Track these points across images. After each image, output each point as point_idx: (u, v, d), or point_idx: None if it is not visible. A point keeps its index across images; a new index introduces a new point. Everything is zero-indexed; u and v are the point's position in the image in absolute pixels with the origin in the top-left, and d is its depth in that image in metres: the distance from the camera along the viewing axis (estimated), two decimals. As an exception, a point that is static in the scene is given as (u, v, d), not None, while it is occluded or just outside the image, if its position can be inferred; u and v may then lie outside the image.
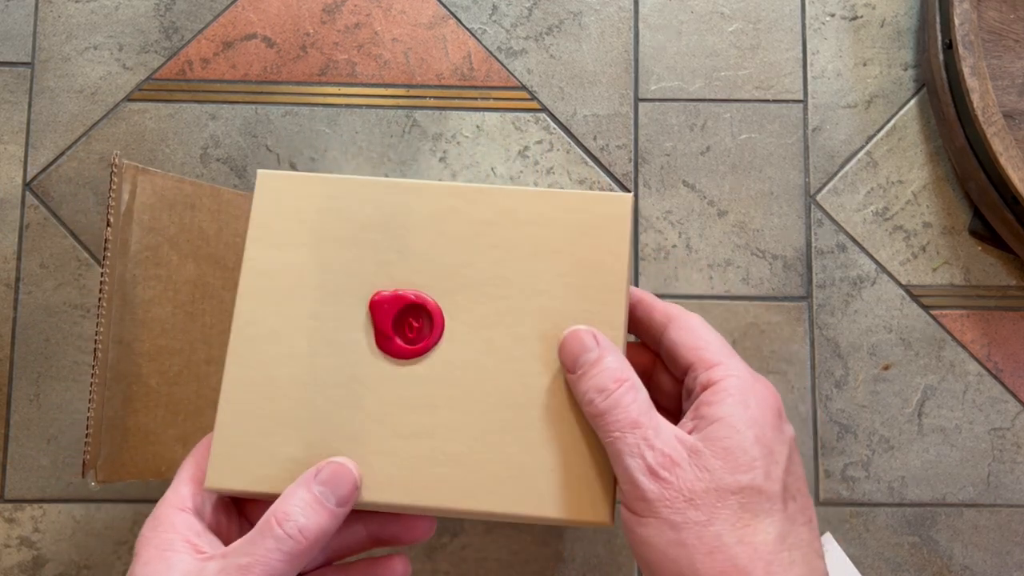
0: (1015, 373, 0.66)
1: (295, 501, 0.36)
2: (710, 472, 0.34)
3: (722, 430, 0.35)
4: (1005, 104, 0.65)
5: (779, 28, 0.70)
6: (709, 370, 0.38)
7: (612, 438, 0.36)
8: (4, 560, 0.63)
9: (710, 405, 0.36)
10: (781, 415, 0.38)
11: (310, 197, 0.42)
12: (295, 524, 0.35)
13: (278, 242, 0.42)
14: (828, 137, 0.69)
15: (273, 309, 0.41)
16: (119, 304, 0.49)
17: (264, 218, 0.43)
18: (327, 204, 0.42)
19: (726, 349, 0.39)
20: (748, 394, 0.37)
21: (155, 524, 0.37)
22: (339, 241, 0.42)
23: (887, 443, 0.65)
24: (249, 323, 0.41)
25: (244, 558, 0.35)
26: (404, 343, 0.40)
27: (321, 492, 0.36)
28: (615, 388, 0.37)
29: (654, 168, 0.68)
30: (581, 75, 0.70)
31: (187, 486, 0.38)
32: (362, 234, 0.42)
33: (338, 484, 0.37)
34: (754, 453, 0.35)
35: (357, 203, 0.42)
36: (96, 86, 0.69)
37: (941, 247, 0.68)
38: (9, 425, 0.65)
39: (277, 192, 0.43)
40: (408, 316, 0.41)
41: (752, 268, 0.67)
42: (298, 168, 0.68)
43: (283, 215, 0.42)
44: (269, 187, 0.43)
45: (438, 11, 0.70)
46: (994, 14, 0.66)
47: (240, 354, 0.41)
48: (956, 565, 0.64)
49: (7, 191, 0.67)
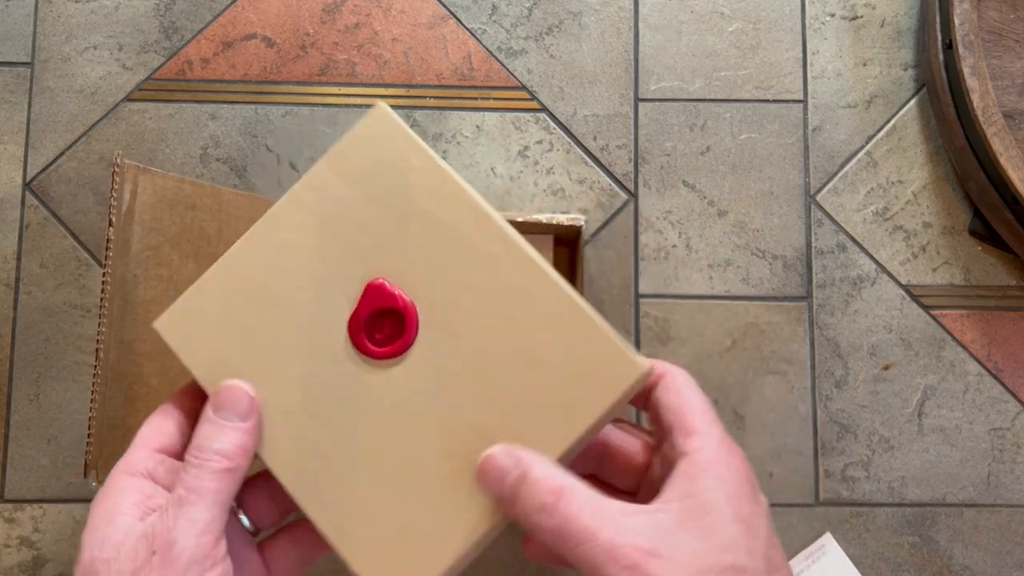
0: (1015, 373, 0.66)
1: (202, 434, 0.37)
2: (691, 555, 0.33)
3: (700, 508, 0.34)
4: (1005, 104, 0.65)
5: (779, 28, 0.70)
6: (688, 438, 0.36)
7: (576, 554, 0.33)
8: (4, 560, 0.63)
9: (686, 479, 0.35)
10: (754, 485, 0.37)
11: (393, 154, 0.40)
12: (212, 450, 0.36)
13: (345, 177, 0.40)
14: (828, 137, 0.69)
15: (293, 236, 0.41)
16: (120, 304, 0.49)
17: (350, 150, 0.41)
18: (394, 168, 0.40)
19: (707, 416, 0.38)
20: (724, 468, 0.35)
21: (105, 491, 0.37)
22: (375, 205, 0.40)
23: (887, 443, 0.65)
24: (271, 229, 0.41)
25: (180, 491, 0.35)
26: (371, 343, 0.39)
27: (222, 416, 0.38)
28: (554, 501, 0.34)
29: (654, 168, 0.68)
30: (581, 75, 0.70)
31: (139, 451, 0.38)
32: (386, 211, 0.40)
33: (234, 404, 0.38)
34: (734, 531, 0.34)
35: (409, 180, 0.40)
36: (96, 86, 0.69)
37: (941, 247, 0.68)
38: (9, 425, 0.65)
39: (380, 135, 0.41)
40: (384, 318, 0.39)
41: (752, 268, 0.67)
42: (298, 168, 0.68)
43: (364, 158, 0.41)
44: (380, 123, 0.41)
45: (438, 11, 0.70)
46: (994, 14, 0.66)
47: (252, 246, 0.41)
48: (956, 565, 0.64)
49: (7, 191, 0.67)
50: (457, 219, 0.39)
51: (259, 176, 0.68)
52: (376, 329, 0.39)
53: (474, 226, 0.39)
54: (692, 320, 0.66)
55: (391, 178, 0.40)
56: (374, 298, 0.39)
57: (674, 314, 0.67)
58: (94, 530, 0.35)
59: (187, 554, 0.34)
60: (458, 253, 0.39)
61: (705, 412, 0.38)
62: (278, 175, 0.68)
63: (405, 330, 0.39)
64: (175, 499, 0.35)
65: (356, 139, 0.41)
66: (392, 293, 0.39)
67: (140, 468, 0.37)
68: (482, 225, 0.39)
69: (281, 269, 0.41)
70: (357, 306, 0.40)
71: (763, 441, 0.65)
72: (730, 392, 0.66)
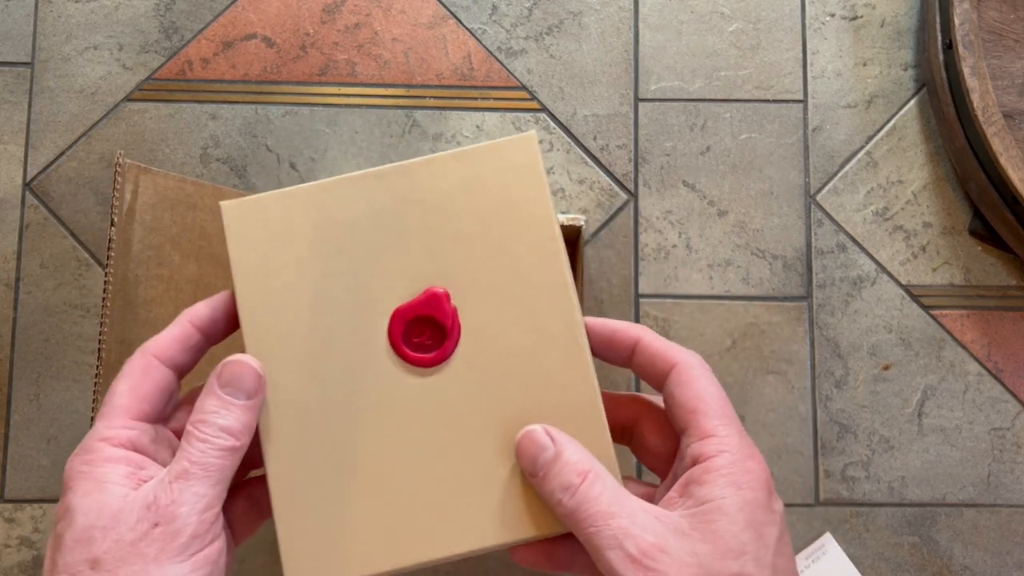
0: (1015, 373, 0.66)
1: (207, 408, 0.36)
2: (698, 557, 0.33)
3: (712, 513, 0.34)
4: (1005, 104, 0.65)
5: (779, 28, 0.70)
6: (702, 441, 0.36)
7: (588, 534, 0.34)
8: (4, 560, 0.63)
9: (701, 484, 0.35)
10: (772, 491, 0.37)
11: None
12: (215, 427, 0.36)
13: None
14: (828, 137, 0.69)
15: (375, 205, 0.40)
16: (121, 304, 0.49)
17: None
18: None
19: (725, 414, 0.37)
20: (740, 474, 0.35)
21: (88, 459, 0.36)
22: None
23: (887, 443, 0.65)
24: (363, 185, 0.40)
25: (182, 463, 0.35)
26: (417, 353, 0.39)
27: (228, 392, 0.37)
28: (580, 482, 0.35)
29: (654, 168, 0.68)
30: (581, 75, 0.70)
31: (119, 418, 0.37)
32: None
33: (240, 380, 0.37)
34: (744, 538, 0.34)
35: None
36: (96, 86, 0.69)
37: (941, 247, 0.68)
38: (9, 425, 0.65)
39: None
40: (426, 324, 0.39)
41: (752, 268, 0.67)
42: (298, 168, 0.68)
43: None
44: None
45: (438, 11, 0.70)
46: (994, 14, 0.66)
47: (343, 190, 0.40)
48: (956, 565, 0.64)
49: (7, 191, 0.67)
50: (534, 260, 0.40)
51: (259, 176, 0.68)
52: (415, 333, 0.39)
53: (545, 273, 0.40)
54: (692, 320, 0.66)
55: (497, 195, 0.40)
56: (429, 305, 0.39)
57: (674, 314, 0.67)
58: (86, 495, 0.34)
59: (190, 528, 0.34)
60: (519, 289, 0.40)
61: (721, 409, 0.37)
62: (278, 175, 0.68)
63: (444, 343, 0.39)
64: (178, 471, 0.35)
65: (492, 149, 0.41)
66: (448, 310, 0.39)
67: (122, 438, 0.36)
68: (552, 277, 0.40)
69: (352, 229, 0.40)
70: (407, 305, 0.39)
71: (763, 441, 0.65)
72: (730, 392, 0.66)
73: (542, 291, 0.39)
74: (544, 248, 0.40)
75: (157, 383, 0.38)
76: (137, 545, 0.33)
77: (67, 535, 0.34)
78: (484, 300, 0.39)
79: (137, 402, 0.37)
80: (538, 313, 0.39)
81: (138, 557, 0.33)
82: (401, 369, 0.39)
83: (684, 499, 0.35)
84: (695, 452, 0.36)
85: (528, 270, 0.39)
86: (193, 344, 0.39)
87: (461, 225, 0.40)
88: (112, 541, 0.33)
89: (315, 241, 0.40)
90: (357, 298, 0.40)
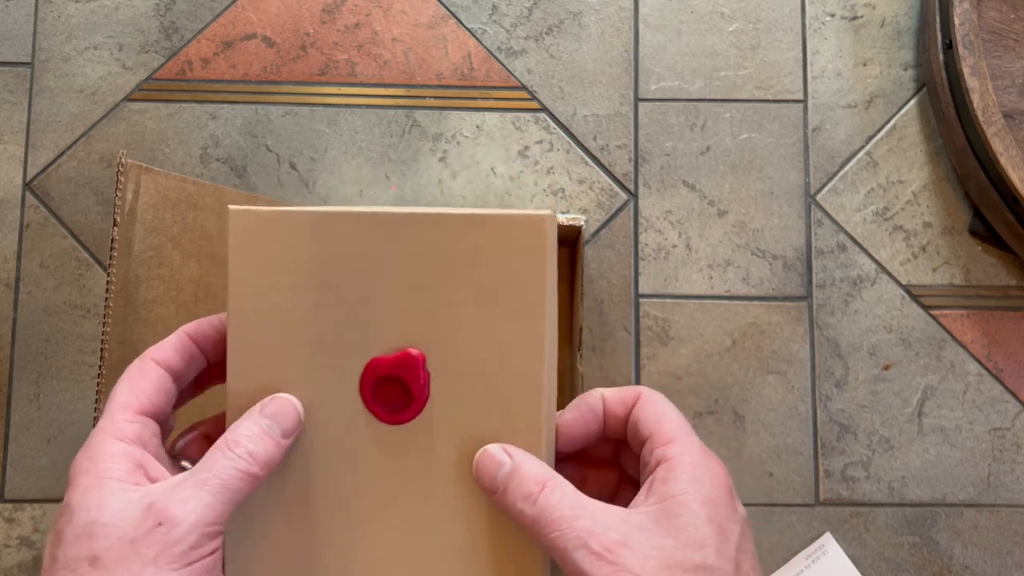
0: (1015, 373, 0.66)
1: (243, 431, 0.37)
2: (661, 550, 0.34)
3: (675, 507, 0.35)
4: (1005, 104, 0.65)
5: (779, 28, 0.70)
6: (664, 446, 0.37)
7: (551, 539, 0.35)
8: (4, 560, 0.63)
9: (664, 482, 0.36)
10: (733, 494, 0.37)
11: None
12: (245, 449, 0.36)
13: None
14: (828, 137, 0.69)
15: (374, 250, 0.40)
16: (123, 304, 0.49)
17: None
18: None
19: (684, 427, 0.38)
20: (702, 470, 0.36)
21: (91, 454, 0.36)
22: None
23: (887, 443, 0.65)
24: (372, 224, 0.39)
25: (202, 473, 0.35)
26: (383, 409, 0.39)
27: (267, 425, 0.37)
28: (539, 491, 0.36)
29: (654, 168, 0.68)
30: (581, 75, 0.70)
31: (122, 413, 0.37)
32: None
33: (282, 417, 0.38)
34: (706, 531, 0.35)
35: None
36: (96, 86, 0.69)
37: (941, 247, 0.68)
38: (9, 425, 0.65)
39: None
40: (386, 384, 0.39)
41: (752, 268, 0.67)
42: (298, 168, 0.68)
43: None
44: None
45: (438, 11, 0.70)
46: (994, 14, 0.66)
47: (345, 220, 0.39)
48: (956, 565, 0.64)
49: (7, 191, 0.67)
50: (516, 349, 0.39)
51: (259, 176, 0.68)
52: (384, 390, 0.39)
53: (523, 366, 0.39)
54: (692, 320, 0.66)
55: (498, 270, 0.40)
56: (402, 366, 0.39)
57: (674, 314, 0.67)
58: (86, 491, 0.35)
59: (192, 538, 0.34)
60: (494, 372, 0.39)
61: (682, 424, 0.38)
62: (278, 175, 0.68)
63: (410, 407, 0.39)
64: (196, 480, 0.35)
65: (505, 221, 0.40)
66: (420, 375, 0.39)
67: (128, 433, 0.37)
68: (528, 373, 0.39)
69: (350, 268, 0.40)
70: (382, 359, 0.39)
71: (763, 441, 0.65)
72: (730, 392, 0.66)
73: (516, 383, 0.39)
74: (528, 340, 0.39)
75: (155, 383, 0.38)
76: (137, 544, 0.33)
77: (67, 531, 0.34)
78: (458, 373, 0.39)
79: (136, 398, 0.38)
80: (507, 403, 0.39)
81: (137, 557, 0.33)
82: (366, 417, 0.39)
83: (648, 497, 0.36)
84: (658, 455, 0.37)
85: (508, 357, 0.39)
86: (189, 352, 0.40)
87: (455, 292, 0.39)
88: (114, 539, 0.33)
89: (313, 271, 0.40)
90: (340, 337, 0.39)
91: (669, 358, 0.66)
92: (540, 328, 0.39)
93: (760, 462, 0.65)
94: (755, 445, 0.65)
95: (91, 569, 0.33)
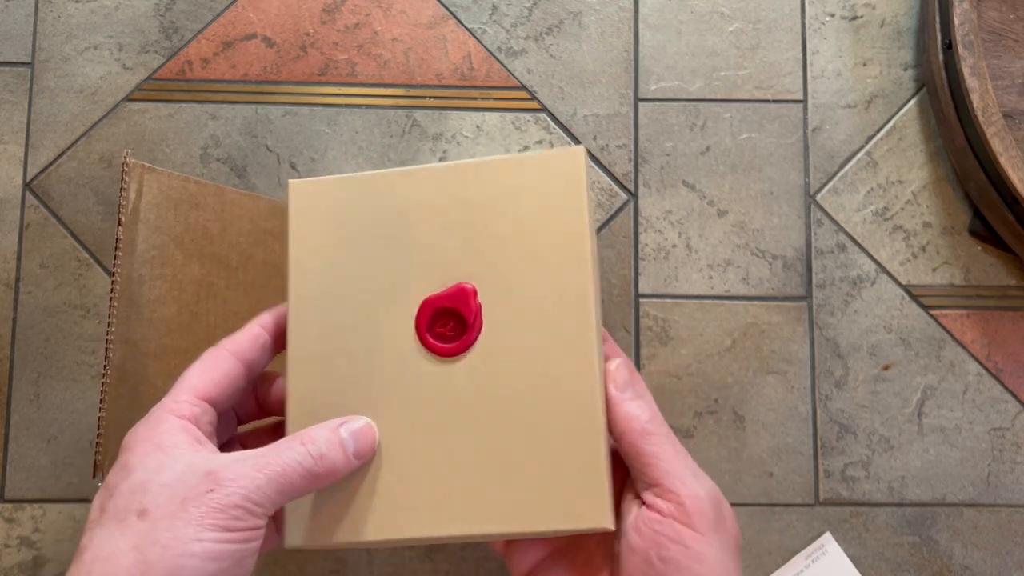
0: (1015, 373, 0.66)
1: (321, 434, 0.38)
2: None
3: None
4: (1005, 104, 0.65)
5: (779, 28, 0.70)
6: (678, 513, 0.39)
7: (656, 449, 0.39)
8: (4, 560, 0.63)
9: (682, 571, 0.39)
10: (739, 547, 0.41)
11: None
12: (317, 449, 0.37)
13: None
14: (828, 137, 0.69)
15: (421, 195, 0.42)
16: (126, 304, 0.49)
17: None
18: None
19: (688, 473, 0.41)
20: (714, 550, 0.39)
21: (153, 423, 0.38)
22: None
23: (887, 443, 0.65)
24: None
25: (266, 457, 0.36)
26: (438, 342, 0.41)
27: (345, 439, 0.38)
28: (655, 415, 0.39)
29: (654, 168, 0.68)
30: (581, 75, 0.70)
31: (186, 395, 0.39)
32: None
33: (361, 439, 0.39)
34: None
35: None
36: (96, 86, 0.69)
37: (941, 247, 0.68)
38: (9, 425, 0.65)
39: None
40: (441, 317, 0.41)
41: (752, 268, 0.67)
42: (298, 168, 0.68)
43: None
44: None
45: (438, 11, 0.70)
46: (994, 14, 0.66)
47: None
48: (956, 565, 0.64)
49: (7, 191, 0.67)
50: (561, 270, 0.41)
51: (259, 176, 0.68)
52: (440, 323, 0.41)
53: (569, 285, 0.41)
54: (692, 320, 0.66)
55: (538, 203, 0.42)
56: (456, 298, 0.41)
57: (674, 314, 0.67)
58: (146, 455, 0.36)
59: (237, 511, 0.35)
60: (543, 295, 0.41)
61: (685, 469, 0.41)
62: (278, 175, 0.68)
63: (465, 336, 0.41)
64: (256, 461, 0.36)
65: (541, 159, 0.43)
66: (473, 305, 0.41)
67: (187, 412, 0.38)
68: (575, 290, 0.41)
69: (401, 219, 0.42)
70: (436, 296, 0.41)
71: (763, 441, 0.65)
72: (730, 392, 0.66)
73: (564, 301, 0.41)
74: (572, 261, 0.41)
75: (226, 373, 0.40)
76: (186, 503, 0.34)
77: (122, 485, 0.35)
78: (508, 301, 0.41)
79: (204, 384, 0.40)
80: (557, 321, 0.41)
81: (183, 513, 0.34)
82: (422, 355, 0.41)
83: None
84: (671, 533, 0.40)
85: (554, 279, 0.41)
86: (262, 343, 0.42)
87: (499, 228, 0.42)
88: (165, 497, 0.35)
89: (367, 225, 0.42)
90: (395, 282, 0.42)
91: (669, 358, 0.66)
92: (583, 248, 0.41)
93: (760, 462, 0.65)
94: (755, 445, 0.65)
95: (137, 520, 0.34)
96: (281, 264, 0.56)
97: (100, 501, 0.36)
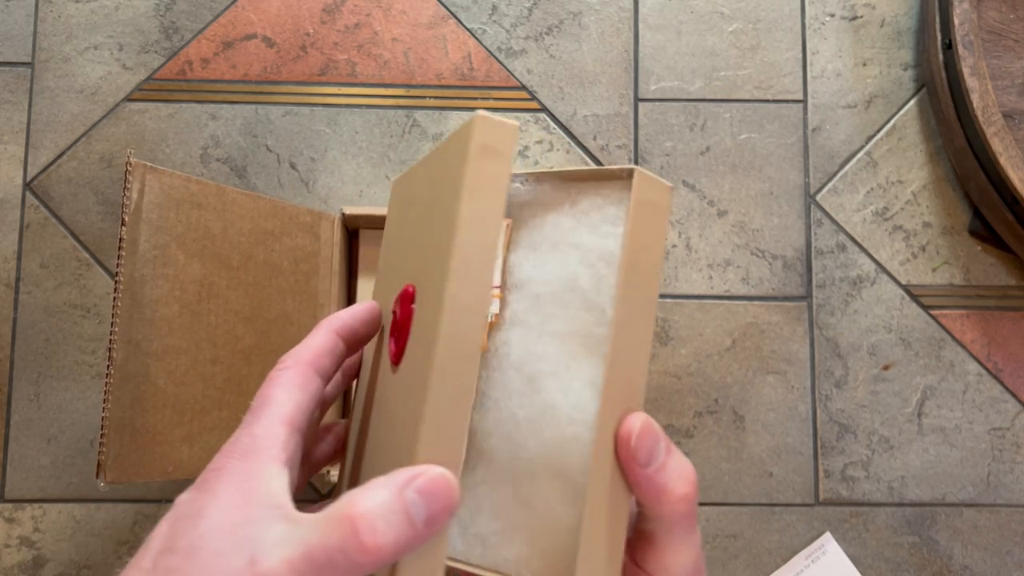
0: (1015, 373, 0.66)
1: (380, 500, 0.28)
2: None
3: None
4: (1005, 104, 0.65)
5: (779, 28, 0.70)
6: None
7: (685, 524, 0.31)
8: (4, 560, 0.63)
9: None
10: None
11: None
12: (372, 538, 0.27)
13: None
14: (828, 137, 0.69)
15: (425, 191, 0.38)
16: (128, 303, 0.49)
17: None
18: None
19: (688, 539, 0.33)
20: None
21: (252, 467, 0.30)
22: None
23: (887, 443, 0.65)
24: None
25: (309, 539, 0.28)
26: (392, 345, 0.36)
27: (413, 502, 0.28)
28: (693, 490, 0.30)
29: (654, 168, 0.68)
30: (581, 75, 0.70)
31: (283, 428, 0.31)
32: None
33: (433, 498, 0.28)
34: None
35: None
36: (96, 86, 0.69)
37: (941, 247, 0.68)
38: (9, 425, 0.65)
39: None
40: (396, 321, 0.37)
41: (752, 268, 0.67)
42: (298, 168, 0.68)
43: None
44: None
45: (438, 11, 0.70)
46: (994, 14, 0.66)
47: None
48: (956, 565, 0.64)
49: (7, 191, 0.67)
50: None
51: (259, 176, 0.68)
52: (394, 326, 0.37)
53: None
54: (692, 320, 0.66)
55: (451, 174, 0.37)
56: (399, 301, 0.36)
57: (674, 314, 0.67)
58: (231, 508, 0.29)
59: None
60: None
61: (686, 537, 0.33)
62: (278, 175, 0.68)
63: (400, 343, 0.35)
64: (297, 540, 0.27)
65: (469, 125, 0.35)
66: (406, 310, 0.35)
67: (286, 456, 0.32)
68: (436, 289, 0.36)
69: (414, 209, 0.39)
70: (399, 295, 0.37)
71: (763, 441, 0.65)
72: (730, 392, 0.66)
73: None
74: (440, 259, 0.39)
75: (314, 395, 0.34)
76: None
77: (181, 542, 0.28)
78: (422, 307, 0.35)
79: (299, 413, 0.33)
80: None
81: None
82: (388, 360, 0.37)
83: None
84: None
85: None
86: (338, 353, 0.36)
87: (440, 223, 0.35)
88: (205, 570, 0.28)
89: (398, 215, 0.41)
90: (390, 270, 0.40)
91: (669, 358, 0.66)
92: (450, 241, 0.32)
93: (760, 462, 0.65)
94: (755, 445, 0.65)
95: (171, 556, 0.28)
96: (281, 264, 0.56)
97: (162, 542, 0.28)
